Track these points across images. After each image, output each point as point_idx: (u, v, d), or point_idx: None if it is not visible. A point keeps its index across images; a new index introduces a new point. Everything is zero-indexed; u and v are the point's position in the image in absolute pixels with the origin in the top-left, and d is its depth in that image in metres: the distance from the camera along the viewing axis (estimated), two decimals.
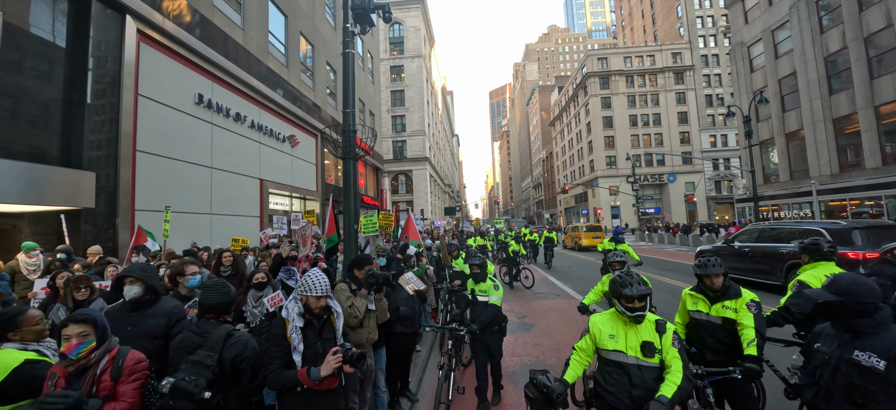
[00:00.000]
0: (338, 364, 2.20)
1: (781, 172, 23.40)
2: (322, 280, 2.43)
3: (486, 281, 4.33)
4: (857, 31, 18.47)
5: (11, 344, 2.08)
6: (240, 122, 11.44)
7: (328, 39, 18.26)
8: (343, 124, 5.18)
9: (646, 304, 2.35)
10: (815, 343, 2.02)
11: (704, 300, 2.96)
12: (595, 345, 2.46)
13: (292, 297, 2.46)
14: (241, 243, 7.37)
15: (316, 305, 2.40)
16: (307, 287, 2.41)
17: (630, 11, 74.71)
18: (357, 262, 3.46)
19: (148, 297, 2.71)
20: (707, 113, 53.02)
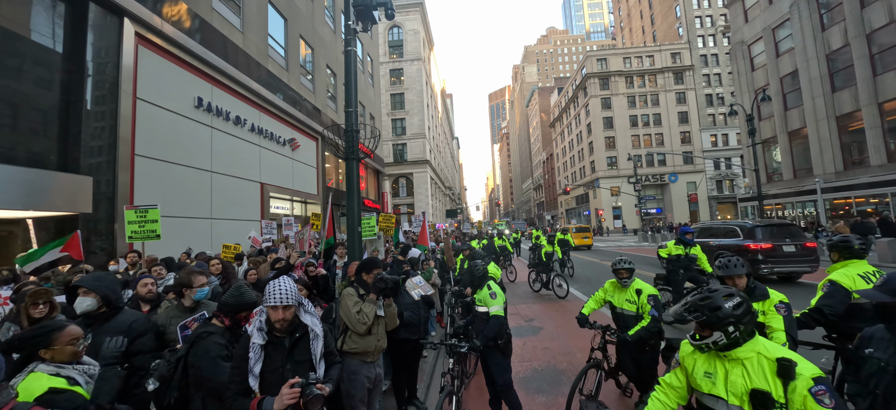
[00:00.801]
0: (292, 401, 1.78)
1: (785, 170, 23.26)
2: (284, 288, 2.05)
3: (482, 288, 3.86)
4: (859, 28, 18.38)
5: (45, 366, 1.79)
6: (240, 125, 11.33)
7: (328, 43, 18.19)
8: (345, 124, 5.04)
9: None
10: (865, 349, 1.86)
11: None
12: (688, 383, 1.89)
13: (260, 308, 2.12)
14: (232, 250, 7.18)
15: (275, 317, 2.02)
16: (268, 295, 2.04)
17: (628, 12, 74.83)
18: (365, 265, 3.27)
19: (103, 310, 2.41)
20: (707, 112, 52.94)
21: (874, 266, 3.01)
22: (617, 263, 3.94)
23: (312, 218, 10.71)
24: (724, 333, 1.63)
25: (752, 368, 1.61)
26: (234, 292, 2.42)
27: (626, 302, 3.73)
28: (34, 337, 1.82)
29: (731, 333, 1.63)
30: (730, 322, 1.62)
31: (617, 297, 3.86)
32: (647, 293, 3.60)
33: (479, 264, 4.02)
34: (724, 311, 1.62)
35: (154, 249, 6.97)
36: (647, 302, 3.55)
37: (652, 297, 3.57)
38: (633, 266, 3.85)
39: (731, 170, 49.92)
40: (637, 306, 3.63)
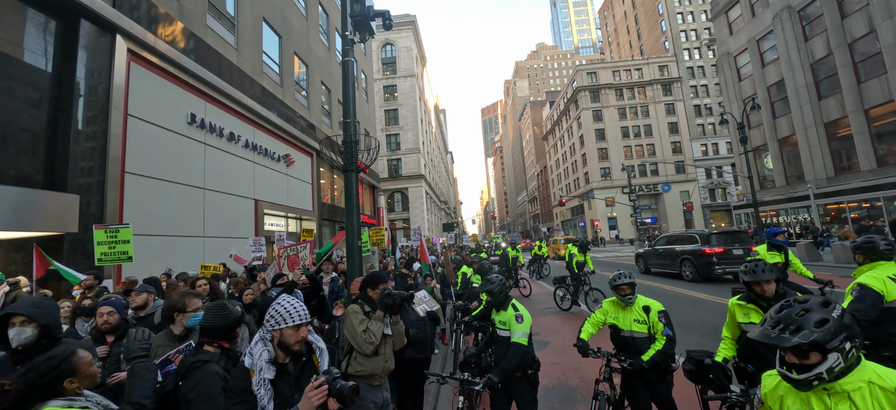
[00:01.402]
0: (321, 400, 1.64)
1: (777, 177, 23.55)
2: (298, 305, 1.91)
3: (506, 309, 3.35)
4: (841, 37, 18.92)
5: (57, 401, 1.53)
6: (234, 141, 11.17)
7: (322, 60, 18.24)
8: (343, 135, 4.93)
9: None
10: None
11: (758, 311, 2.64)
12: None
13: (259, 337, 1.89)
14: (212, 270, 6.85)
15: (295, 339, 1.84)
16: (280, 317, 1.85)
17: (615, 28, 76.74)
18: (370, 280, 3.08)
19: (43, 342, 2.02)
20: (697, 123, 53.89)
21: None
22: (616, 278, 3.35)
23: (304, 234, 10.44)
24: (841, 355, 1.28)
25: (863, 403, 1.26)
26: (218, 311, 2.14)
27: (634, 323, 3.26)
28: (54, 369, 1.56)
29: (848, 353, 1.29)
30: (846, 340, 1.29)
31: (622, 318, 3.34)
32: (657, 310, 3.23)
33: (494, 279, 3.55)
34: (842, 326, 1.29)
35: (138, 269, 6.71)
36: (659, 320, 3.17)
37: (663, 314, 3.21)
38: (634, 280, 3.35)
39: (723, 178, 50.58)
40: (648, 325, 3.21)
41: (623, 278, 3.35)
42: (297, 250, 4.94)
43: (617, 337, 3.39)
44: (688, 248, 12.93)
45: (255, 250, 9.09)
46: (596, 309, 3.59)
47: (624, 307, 3.37)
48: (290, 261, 4.89)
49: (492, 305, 3.50)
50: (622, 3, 71.90)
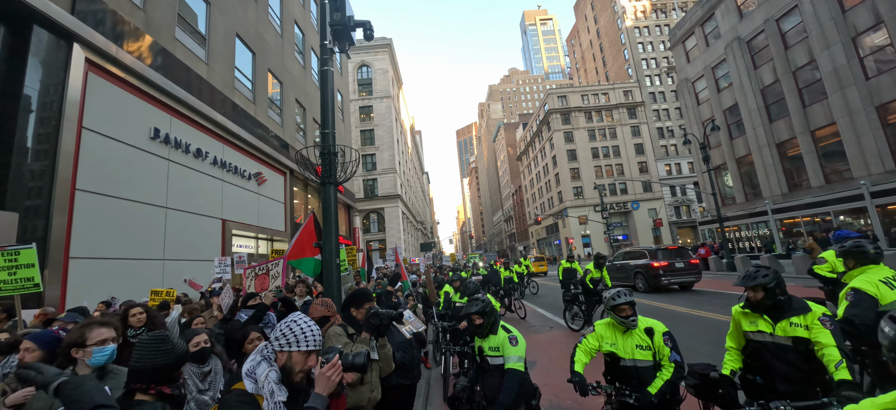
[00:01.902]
0: (339, 376, 1.54)
1: (737, 194, 24.93)
2: (314, 327, 1.68)
3: (496, 333, 2.98)
4: (786, 66, 20.62)
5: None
6: (201, 158, 10.59)
7: (297, 78, 17.94)
8: (321, 146, 4.70)
9: None
10: None
11: (766, 319, 2.52)
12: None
13: (262, 356, 1.62)
14: (163, 296, 6.18)
15: (302, 366, 1.60)
16: (293, 337, 1.61)
17: (582, 55, 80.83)
18: (354, 298, 2.78)
19: None
20: (660, 144, 56.86)
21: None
22: (615, 297, 2.83)
23: (272, 254, 9.91)
24: None
25: None
26: (154, 346, 1.66)
27: (637, 349, 2.77)
28: None
29: None
30: None
31: (622, 343, 2.82)
32: (662, 331, 2.78)
33: (481, 299, 3.18)
34: None
35: (89, 295, 6.06)
36: (665, 344, 2.72)
37: (668, 336, 2.77)
38: (633, 299, 2.88)
39: (686, 196, 53.22)
40: (653, 350, 2.74)
41: (622, 296, 2.84)
42: (267, 268, 4.51)
43: (615, 367, 2.86)
44: (639, 263, 14.34)
45: (219, 272, 8.48)
46: (588, 333, 3.02)
47: (624, 331, 2.86)
48: (259, 281, 4.46)
49: (479, 329, 3.07)
50: (588, 33, 76.08)
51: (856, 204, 17.42)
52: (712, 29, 25.72)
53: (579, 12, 79.37)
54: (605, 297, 2.96)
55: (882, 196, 16.31)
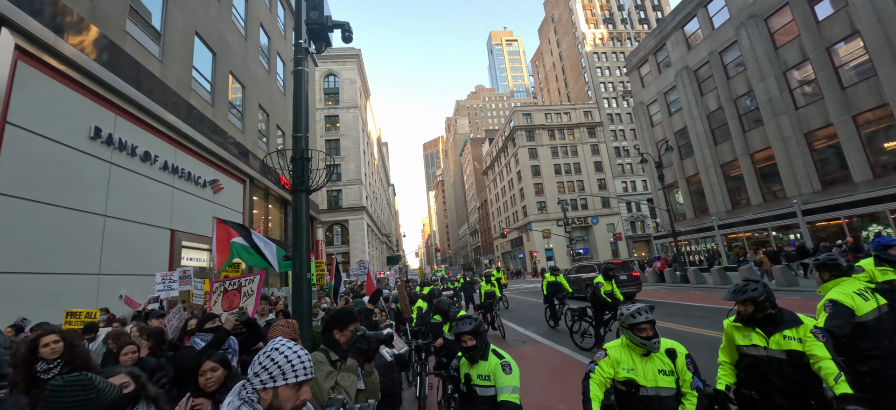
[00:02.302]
0: None
1: (687, 210, 26.71)
2: (301, 353, 1.42)
3: (487, 359, 2.67)
4: (728, 94, 22.60)
5: None
6: (149, 162, 9.67)
7: (261, 82, 17.13)
8: (293, 151, 4.38)
9: None
10: None
11: (759, 333, 2.52)
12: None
13: (240, 399, 1.33)
14: (82, 318, 5.34)
15: (294, 403, 1.35)
16: (277, 369, 1.34)
17: (546, 76, 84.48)
18: (338, 320, 2.41)
19: None
20: (617, 162, 60.16)
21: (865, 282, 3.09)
22: (635, 314, 2.45)
23: (228, 270, 9.04)
24: None
25: None
26: (75, 391, 1.29)
27: (660, 375, 2.38)
28: None
29: None
30: None
31: (642, 369, 2.41)
32: (684, 354, 2.46)
33: (473, 317, 2.85)
34: None
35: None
36: (687, 367, 2.40)
37: (690, 359, 2.45)
38: (654, 317, 2.49)
39: (641, 212, 56.42)
40: (676, 376, 2.39)
41: (643, 313, 2.45)
42: (240, 283, 3.99)
43: (631, 397, 2.44)
44: (590, 275, 16.08)
45: (160, 289, 7.59)
46: (600, 359, 2.57)
47: (642, 355, 2.47)
48: (228, 299, 3.92)
49: (470, 352, 2.73)
50: (551, 55, 79.78)
51: (789, 221, 19.20)
52: (664, 58, 27.78)
53: (543, 36, 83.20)
54: (622, 313, 2.55)
55: (811, 214, 18.09)
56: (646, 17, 68.11)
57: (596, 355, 2.50)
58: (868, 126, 16.28)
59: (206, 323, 3.43)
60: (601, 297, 7.85)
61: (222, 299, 3.94)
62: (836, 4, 17.02)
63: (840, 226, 17.24)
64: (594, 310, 7.98)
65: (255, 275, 4.01)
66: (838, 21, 16.79)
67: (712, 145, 23.99)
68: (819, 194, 18.03)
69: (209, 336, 3.20)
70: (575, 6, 66.53)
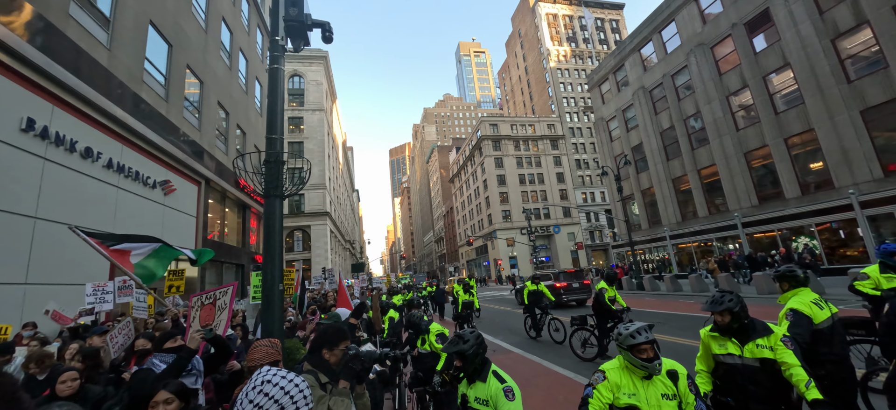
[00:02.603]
0: None
1: (642, 221, 28.33)
2: (301, 386, 1.28)
3: (486, 381, 2.43)
4: (679, 114, 24.37)
5: None
6: (90, 159, 8.76)
7: (222, 79, 16.17)
8: (266, 153, 4.12)
9: None
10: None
11: (734, 342, 2.65)
12: None
13: None
14: None
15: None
16: (277, 406, 1.19)
17: (512, 88, 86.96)
18: (327, 338, 2.22)
19: None
20: (578, 174, 62.87)
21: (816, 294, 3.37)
22: (634, 334, 2.29)
23: (170, 277, 8.25)
24: None
25: None
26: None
27: (663, 400, 2.20)
28: None
29: None
30: None
31: (644, 393, 2.23)
32: (685, 375, 2.32)
33: (468, 335, 2.58)
34: None
35: None
36: (689, 389, 2.26)
37: (691, 380, 2.34)
38: (655, 337, 2.35)
39: (599, 222, 59.19)
40: (678, 398, 2.24)
41: (643, 334, 2.28)
42: (215, 296, 3.64)
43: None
44: (548, 283, 17.09)
45: (93, 301, 6.79)
46: (597, 382, 2.36)
47: (643, 378, 2.29)
48: (205, 314, 3.55)
49: (470, 370, 2.50)
50: (517, 68, 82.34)
51: (731, 232, 20.90)
52: (623, 77, 29.52)
53: (510, 50, 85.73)
54: (620, 333, 2.36)
55: (749, 226, 19.82)
56: (605, 39, 72.25)
57: (593, 377, 2.39)
58: (797, 149, 18.18)
59: (167, 342, 3.08)
60: (605, 304, 7.41)
61: (200, 314, 3.58)
62: (770, 39, 18.97)
63: (773, 238, 19.03)
64: (597, 318, 7.55)
65: (227, 286, 3.68)
66: (772, 53, 18.70)
67: (665, 161, 25.70)
68: (756, 209, 19.82)
69: (170, 357, 2.87)
70: (541, 23, 69.27)
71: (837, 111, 16.22)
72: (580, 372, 6.83)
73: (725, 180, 21.42)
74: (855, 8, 15.51)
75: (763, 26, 19.21)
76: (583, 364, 7.42)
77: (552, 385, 6.40)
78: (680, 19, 23.94)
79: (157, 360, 2.91)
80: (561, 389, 6.19)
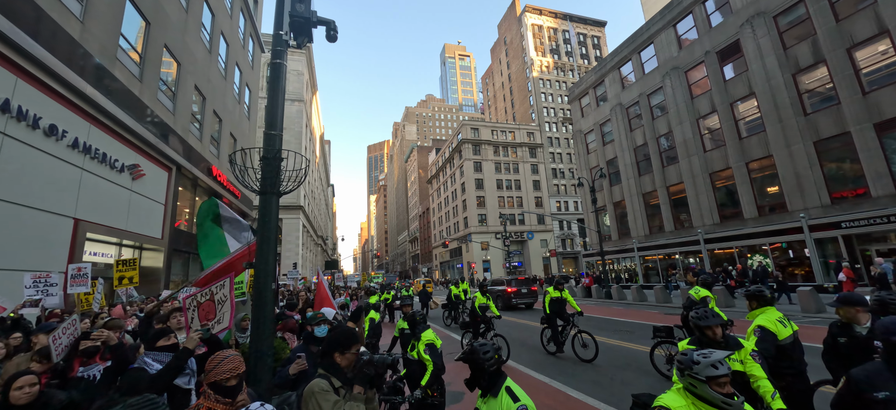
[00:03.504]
0: None
1: (613, 232, 29.43)
2: None
3: (498, 396, 2.21)
4: (652, 132, 25.53)
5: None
6: (54, 137, 8.19)
7: (200, 61, 15.48)
8: (264, 150, 4.04)
9: None
10: (873, 392, 2.07)
11: None
12: None
13: None
14: None
15: None
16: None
17: (494, 94, 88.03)
18: (340, 341, 2.21)
19: None
20: (553, 183, 64.46)
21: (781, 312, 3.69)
22: (716, 364, 1.93)
23: (121, 267, 7.35)
24: None
25: None
26: None
27: None
28: None
29: None
30: None
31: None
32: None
33: (486, 346, 2.37)
34: None
35: None
36: None
37: None
38: None
39: (571, 231, 60.91)
40: None
41: (723, 365, 1.95)
42: (212, 291, 3.45)
43: None
44: (499, 288, 19.51)
45: (33, 294, 6.10)
46: None
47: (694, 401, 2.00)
48: (203, 312, 3.35)
49: (478, 383, 2.34)
50: (501, 75, 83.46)
51: (694, 248, 22.10)
52: (602, 93, 30.58)
53: (495, 56, 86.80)
54: (695, 361, 2.00)
55: (711, 242, 21.05)
56: (586, 54, 74.59)
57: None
58: (756, 172, 19.50)
59: (159, 341, 2.96)
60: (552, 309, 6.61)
61: (198, 312, 3.40)
62: (738, 68, 20.26)
63: (732, 254, 20.31)
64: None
65: (223, 279, 3.48)
66: (740, 82, 19.99)
67: (637, 176, 26.85)
68: (718, 226, 21.08)
69: (164, 356, 2.76)
70: (526, 33, 70.61)
71: (794, 141, 17.55)
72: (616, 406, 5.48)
73: (691, 198, 22.64)
74: (814, 47, 16.86)
75: (733, 56, 20.50)
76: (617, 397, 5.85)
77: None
78: (658, 42, 25.11)
79: (150, 359, 2.80)
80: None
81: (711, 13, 21.77)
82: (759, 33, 18.91)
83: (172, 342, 2.95)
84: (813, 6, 16.88)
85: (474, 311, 8.76)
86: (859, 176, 15.61)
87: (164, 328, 3.19)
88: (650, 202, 26.10)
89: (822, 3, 16.55)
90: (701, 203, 22.07)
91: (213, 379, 1.98)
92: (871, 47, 15.30)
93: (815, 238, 16.55)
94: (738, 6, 20.09)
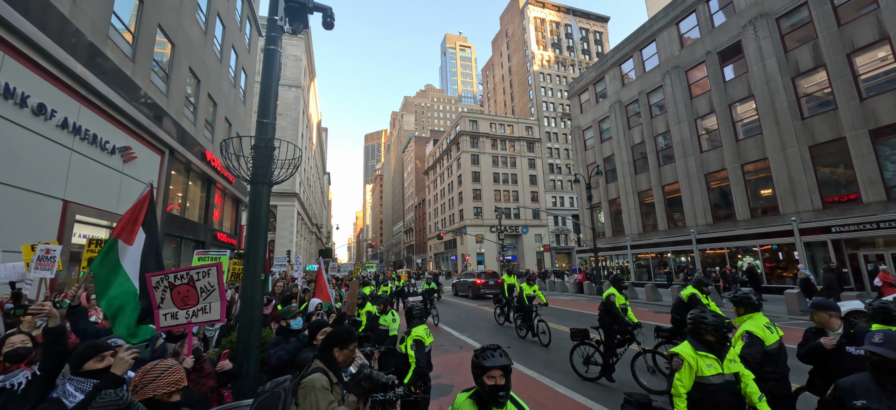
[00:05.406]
0: None
1: (607, 230, 29.59)
2: None
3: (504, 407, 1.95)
4: (650, 131, 25.55)
5: None
6: (43, 117, 8.02)
7: (195, 43, 15.19)
8: (256, 138, 3.96)
9: None
10: (852, 401, 2.09)
11: (715, 359, 2.75)
12: None
13: None
14: None
15: None
16: None
17: (494, 87, 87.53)
18: (340, 337, 2.19)
19: None
20: (549, 178, 64.53)
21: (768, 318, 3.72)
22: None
23: (93, 246, 6.64)
24: None
25: None
26: None
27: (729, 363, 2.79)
28: None
29: None
30: None
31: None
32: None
33: (497, 347, 2.05)
34: None
35: None
36: None
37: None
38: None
39: (566, 226, 61.18)
40: None
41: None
42: (191, 276, 3.25)
43: None
44: (470, 280, 22.68)
45: (6, 275, 5.42)
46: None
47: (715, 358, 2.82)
48: (181, 295, 3.18)
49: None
50: (501, 67, 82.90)
51: (686, 247, 22.29)
52: (602, 90, 30.49)
53: (496, 48, 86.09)
54: (707, 318, 2.89)
55: (703, 242, 21.23)
56: (588, 49, 74.19)
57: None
58: (751, 175, 19.62)
59: (89, 361, 2.16)
60: (615, 313, 6.35)
61: (171, 294, 3.18)
62: (738, 70, 20.25)
63: (723, 255, 20.51)
64: (604, 332, 6.55)
65: (209, 267, 3.29)
66: (740, 84, 19.98)
67: (633, 174, 26.93)
68: (710, 227, 21.25)
69: (90, 385, 2.11)
70: (528, 26, 70.00)
71: (790, 144, 17.64)
72: (586, 393, 5.85)
73: (686, 198, 22.76)
74: (815, 51, 16.86)
75: (734, 57, 20.46)
76: (584, 383, 6.45)
77: None
78: (660, 40, 25.00)
79: (72, 387, 2.10)
80: None
81: (715, 13, 21.67)
82: (761, 35, 18.87)
83: (105, 365, 2.17)
84: (816, 9, 16.85)
85: (522, 299, 10.28)
86: (852, 181, 15.75)
87: (96, 343, 2.29)
88: (645, 201, 26.22)
89: (826, 6, 16.52)
90: (695, 203, 22.20)
91: (148, 396, 1.70)
92: (871, 53, 15.33)
93: (806, 241, 16.74)
94: (741, 7, 20.01)
